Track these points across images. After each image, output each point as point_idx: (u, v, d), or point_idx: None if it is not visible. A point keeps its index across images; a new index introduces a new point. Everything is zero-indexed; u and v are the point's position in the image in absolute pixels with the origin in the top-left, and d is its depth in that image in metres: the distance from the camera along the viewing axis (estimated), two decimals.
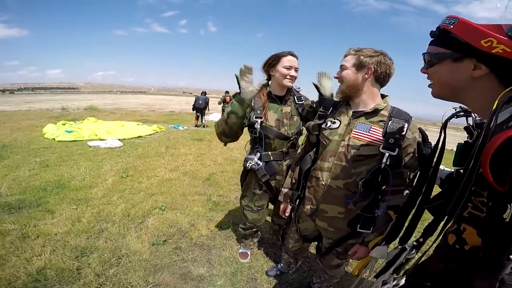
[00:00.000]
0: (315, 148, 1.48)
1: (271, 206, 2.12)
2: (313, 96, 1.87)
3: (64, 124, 8.43)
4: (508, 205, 0.56)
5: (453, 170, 0.94)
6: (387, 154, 1.19)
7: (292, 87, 1.80)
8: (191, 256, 2.30)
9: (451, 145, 1.51)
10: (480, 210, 0.64)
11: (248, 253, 2.34)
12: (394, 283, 0.84)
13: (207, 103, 11.16)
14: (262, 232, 2.55)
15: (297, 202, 1.58)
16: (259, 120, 1.71)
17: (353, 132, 1.29)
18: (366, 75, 1.27)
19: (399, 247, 0.91)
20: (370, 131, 1.26)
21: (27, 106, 19.06)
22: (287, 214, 1.78)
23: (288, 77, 1.70)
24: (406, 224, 0.90)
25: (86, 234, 2.50)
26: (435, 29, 0.72)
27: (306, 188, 1.50)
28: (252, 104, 1.70)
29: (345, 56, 1.33)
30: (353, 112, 1.35)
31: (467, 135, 0.84)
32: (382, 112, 1.30)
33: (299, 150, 1.71)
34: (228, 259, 2.29)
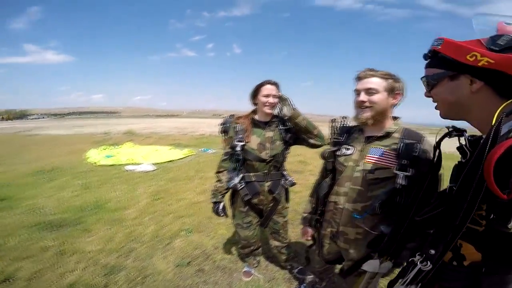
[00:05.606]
0: (331, 174, 1.48)
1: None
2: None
3: (105, 149, 9.14)
4: None
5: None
6: (401, 175, 1.16)
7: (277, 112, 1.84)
8: (213, 278, 2.32)
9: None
10: (479, 223, 0.62)
11: (252, 271, 2.35)
12: None
13: None
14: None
15: (317, 226, 1.59)
16: (240, 144, 1.85)
17: (366, 157, 1.30)
18: (394, 101, 1.28)
19: (392, 261, 0.99)
20: (384, 155, 1.25)
21: (75, 131, 21.08)
22: (307, 237, 1.75)
23: (266, 104, 1.82)
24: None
25: (117, 253, 2.63)
26: (426, 52, 0.74)
27: (324, 212, 1.51)
28: (236, 129, 1.88)
29: (364, 77, 1.26)
30: (366, 137, 1.35)
31: (460, 155, 0.80)
32: (394, 134, 1.29)
33: (317, 177, 1.70)
34: (249, 283, 2.26)
